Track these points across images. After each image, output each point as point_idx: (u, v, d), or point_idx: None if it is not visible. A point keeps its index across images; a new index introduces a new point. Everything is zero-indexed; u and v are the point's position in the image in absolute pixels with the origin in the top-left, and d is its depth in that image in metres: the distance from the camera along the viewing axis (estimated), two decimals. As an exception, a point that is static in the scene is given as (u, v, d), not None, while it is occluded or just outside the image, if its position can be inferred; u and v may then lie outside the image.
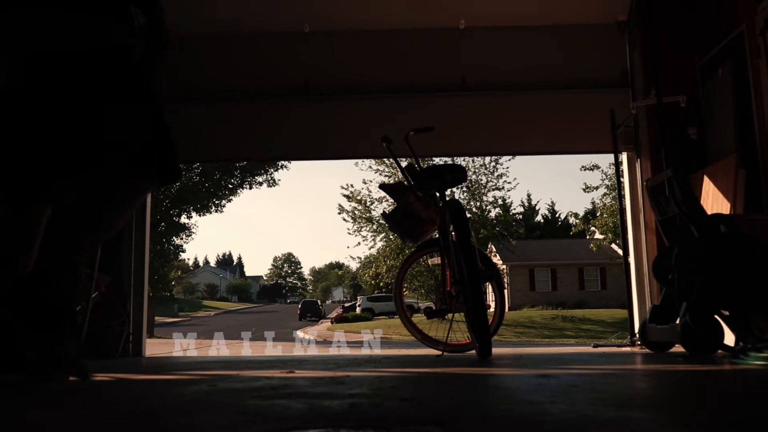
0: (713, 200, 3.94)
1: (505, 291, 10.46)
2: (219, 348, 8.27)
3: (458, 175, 3.88)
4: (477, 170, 25.78)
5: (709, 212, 3.54)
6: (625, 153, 4.98)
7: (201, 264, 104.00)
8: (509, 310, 28.85)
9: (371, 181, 27.60)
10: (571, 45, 5.11)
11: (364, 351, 5.44)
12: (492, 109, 5.13)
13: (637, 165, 4.84)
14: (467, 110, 5.13)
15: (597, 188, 25.85)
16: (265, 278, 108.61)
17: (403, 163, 4.18)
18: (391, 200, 4.46)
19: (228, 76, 5.15)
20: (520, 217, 38.42)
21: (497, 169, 26.15)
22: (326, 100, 5.14)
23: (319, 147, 5.29)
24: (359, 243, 72.11)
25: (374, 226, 25.60)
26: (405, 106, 5.12)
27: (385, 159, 24.14)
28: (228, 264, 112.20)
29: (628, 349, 4.36)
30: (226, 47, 5.19)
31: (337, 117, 5.18)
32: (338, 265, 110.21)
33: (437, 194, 3.80)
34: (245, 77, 5.13)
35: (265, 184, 22.67)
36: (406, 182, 3.98)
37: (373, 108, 5.14)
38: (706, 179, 4.10)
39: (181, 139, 2.54)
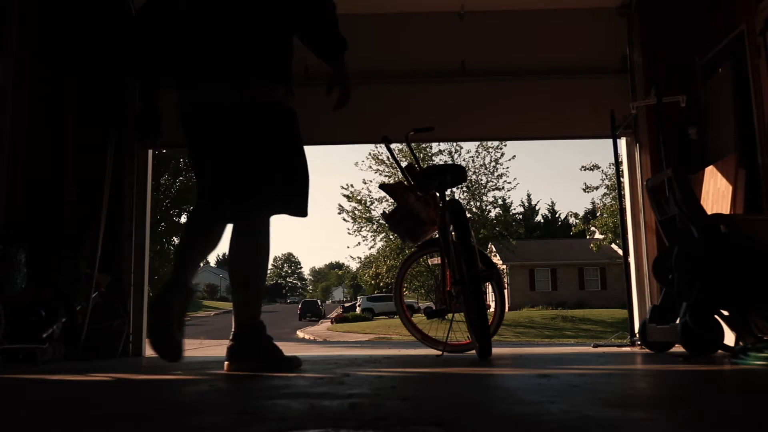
0: (713, 200, 3.93)
1: (505, 291, 10.46)
2: (219, 347, 8.27)
3: (458, 175, 3.87)
4: (477, 170, 25.80)
5: (709, 212, 3.53)
6: (625, 153, 4.97)
7: (201, 264, 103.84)
8: (509, 310, 28.84)
9: (371, 181, 27.63)
10: (571, 29, 5.07)
11: (364, 351, 5.44)
12: (491, 94, 5.09)
13: (638, 165, 4.83)
14: (466, 96, 5.08)
15: (597, 188, 25.87)
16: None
17: (403, 163, 4.18)
18: (391, 200, 4.46)
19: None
20: (520, 217, 38.45)
21: (497, 169, 26.21)
22: (322, 86, 5.10)
23: (315, 133, 5.26)
24: (359, 243, 72.03)
25: (374, 226, 25.59)
26: (403, 91, 5.07)
27: (385, 159, 24.21)
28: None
29: (628, 349, 4.36)
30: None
31: (332, 103, 5.14)
32: (338, 265, 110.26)
33: (437, 194, 3.80)
34: None
35: (265, 184, 22.61)
36: (406, 182, 3.98)
37: (369, 93, 5.10)
38: (706, 179, 4.09)
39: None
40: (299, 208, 2.73)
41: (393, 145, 4.59)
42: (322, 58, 2.85)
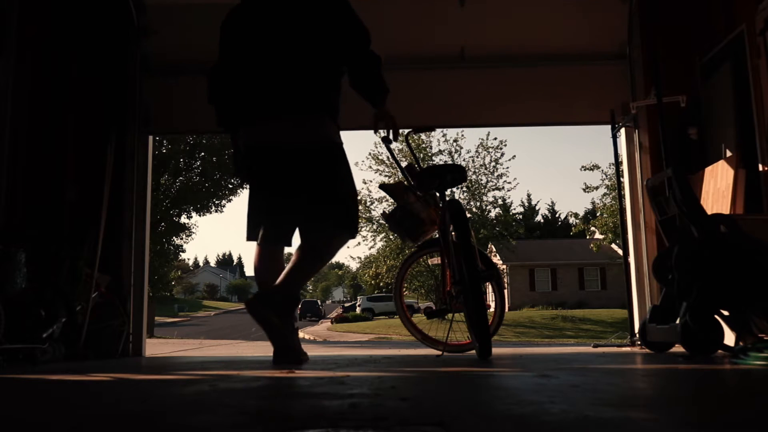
0: (713, 200, 3.93)
1: (505, 291, 10.45)
2: (219, 347, 8.26)
3: (458, 175, 3.87)
4: (477, 170, 25.79)
5: (709, 212, 3.53)
6: (625, 152, 4.97)
7: (201, 264, 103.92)
8: (509, 310, 28.84)
9: (371, 181, 27.61)
10: (573, 15, 5.01)
11: (364, 351, 5.44)
12: (491, 81, 5.05)
13: (638, 165, 4.83)
14: (465, 82, 5.04)
15: (597, 188, 25.87)
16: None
17: (403, 163, 4.18)
18: (391, 200, 4.46)
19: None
20: (520, 217, 38.45)
21: (497, 169, 26.18)
22: None
23: None
24: (359, 243, 71.70)
25: (374, 226, 25.59)
26: (401, 78, 4.96)
27: (385, 159, 24.21)
28: (228, 264, 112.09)
29: (628, 349, 4.36)
30: (218, 17, 5.11)
31: None
32: (338, 265, 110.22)
33: (437, 194, 3.80)
34: None
35: (265, 184, 22.53)
36: (406, 182, 3.98)
37: None
38: (706, 179, 4.09)
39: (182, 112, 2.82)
40: (353, 232, 3.09)
41: (392, 145, 4.58)
42: (368, 101, 3.11)
